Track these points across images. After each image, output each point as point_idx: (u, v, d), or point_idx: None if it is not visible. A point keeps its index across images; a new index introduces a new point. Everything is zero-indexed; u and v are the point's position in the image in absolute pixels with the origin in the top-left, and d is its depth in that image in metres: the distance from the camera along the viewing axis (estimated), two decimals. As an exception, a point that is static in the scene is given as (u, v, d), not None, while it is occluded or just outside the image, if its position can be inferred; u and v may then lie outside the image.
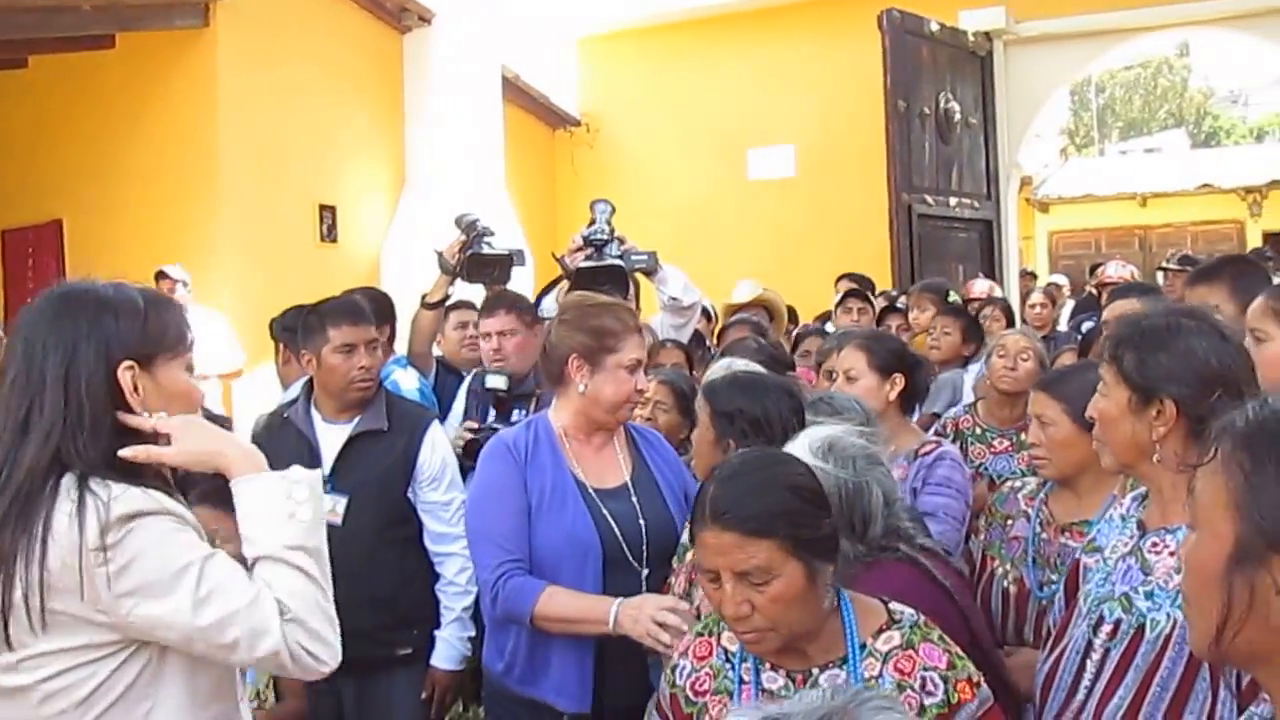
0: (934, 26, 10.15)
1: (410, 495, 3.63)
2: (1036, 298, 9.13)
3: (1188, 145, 29.54)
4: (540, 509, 2.88)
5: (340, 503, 3.48)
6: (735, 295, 7.06)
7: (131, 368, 1.90)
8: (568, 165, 12.45)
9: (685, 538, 2.89)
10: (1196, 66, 36.33)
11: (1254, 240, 17.86)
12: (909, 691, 1.87)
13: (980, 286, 8.05)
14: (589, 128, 12.51)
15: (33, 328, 1.89)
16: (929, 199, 10.12)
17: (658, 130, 12.07)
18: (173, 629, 1.82)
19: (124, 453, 1.87)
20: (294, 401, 3.78)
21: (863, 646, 1.92)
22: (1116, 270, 7.94)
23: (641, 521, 2.93)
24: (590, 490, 2.93)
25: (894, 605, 2.00)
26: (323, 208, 9.11)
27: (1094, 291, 8.57)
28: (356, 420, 3.61)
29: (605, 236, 4.26)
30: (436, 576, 3.65)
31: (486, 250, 4.66)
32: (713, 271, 8.03)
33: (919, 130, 10.04)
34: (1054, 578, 2.82)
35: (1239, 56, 29.93)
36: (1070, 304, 11.55)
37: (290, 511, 1.92)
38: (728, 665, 2.03)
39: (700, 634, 2.13)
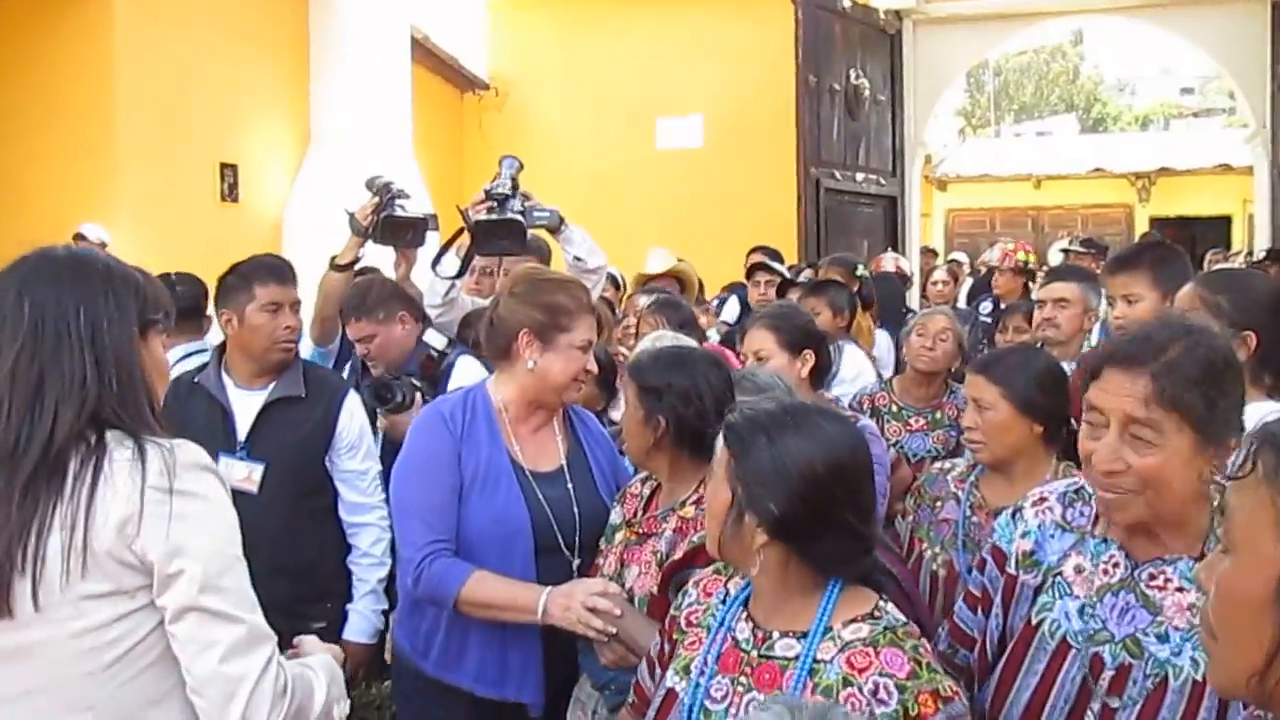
0: (846, 3, 10.23)
1: (327, 464, 3.54)
2: (940, 275, 9.26)
3: (1077, 130, 30.37)
4: (472, 488, 2.76)
5: (256, 470, 3.39)
6: (649, 265, 6.98)
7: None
8: (475, 129, 12.26)
9: (614, 518, 2.83)
10: (1088, 54, 37.39)
11: (1142, 224, 18.46)
12: (853, 689, 1.80)
13: (887, 261, 8.13)
14: (498, 91, 12.34)
15: (41, 291, 1.84)
16: (836, 174, 10.21)
17: (567, 96, 11.95)
18: (180, 596, 1.78)
19: None
20: (204, 367, 3.65)
21: (828, 629, 1.89)
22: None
23: (575, 508, 2.83)
24: (526, 472, 2.83)
25: (882, 603, 1.94)
26: (224, 166, 8.82)
27: (997, 272, 8.72)
28: (272, 386, 3.50)
29: (507, 191, 4.17)
30: (349, 549, 3.57)
31: (400, 213, 4.56)
32: (620, 240, 7.92)
33: (828, 105, 10.12)
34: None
35: (1128, 46, 30.81)
36: (968, 282, 11.74)
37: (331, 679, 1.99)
38: (721, 606, 2.06)
39: (718, 572, 2.14)
